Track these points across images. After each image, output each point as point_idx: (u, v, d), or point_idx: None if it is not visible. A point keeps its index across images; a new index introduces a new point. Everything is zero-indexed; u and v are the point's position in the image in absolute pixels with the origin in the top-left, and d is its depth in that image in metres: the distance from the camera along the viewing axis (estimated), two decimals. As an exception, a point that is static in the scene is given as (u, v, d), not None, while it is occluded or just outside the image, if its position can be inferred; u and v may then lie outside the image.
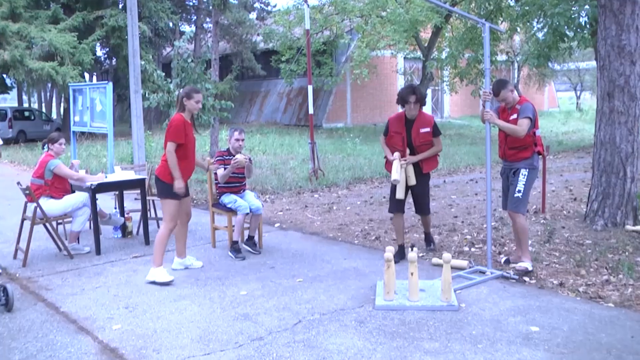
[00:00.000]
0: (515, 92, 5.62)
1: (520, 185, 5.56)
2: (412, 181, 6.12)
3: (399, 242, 6.39)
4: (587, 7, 13.05)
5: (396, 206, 6.25)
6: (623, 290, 5.02)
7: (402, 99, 6.08)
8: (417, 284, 4.89)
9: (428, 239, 6.65)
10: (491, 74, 5.85)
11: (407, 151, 6.12)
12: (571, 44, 15.17)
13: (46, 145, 6.86)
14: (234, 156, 6.70)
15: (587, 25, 13.67)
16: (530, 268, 5.51)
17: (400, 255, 6.21)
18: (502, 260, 5.90)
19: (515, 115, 5.54)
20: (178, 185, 5.57)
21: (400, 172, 6.01)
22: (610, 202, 7.09)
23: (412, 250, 5.20)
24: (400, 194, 6.11)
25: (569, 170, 12.75)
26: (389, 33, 20.81)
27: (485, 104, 5.63)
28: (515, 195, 5.58)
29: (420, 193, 6.31)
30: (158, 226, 8.14)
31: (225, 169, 6.60)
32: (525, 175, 5.56)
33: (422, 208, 6.41)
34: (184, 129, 5.60)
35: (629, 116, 6.95)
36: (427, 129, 6.11)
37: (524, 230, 5.63)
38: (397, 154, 6.08)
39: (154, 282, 5.59)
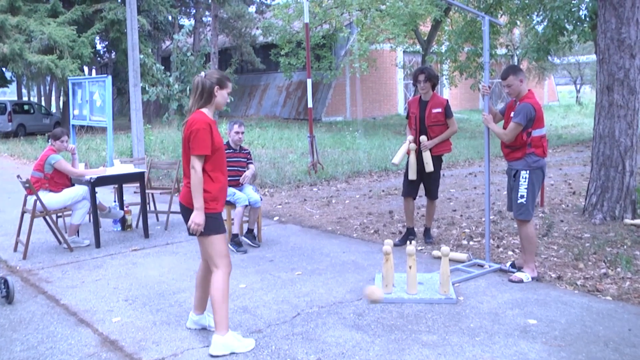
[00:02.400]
0: (525, 85, 5.26)
1: (522, 190, 5.18)
2: (431, 167, 6.29)
3: (409, 225, 6.65)
4: (586, 0, 13.04)
5: (407, 190, 6.55)
6: (621, 283, 5.04)
7: (414, 78, 6.44)
8: (416, 277, 4.91)
9: (427, 234, 6.70)
10: (491, 67, 5.75)
11: (422, 137, 6.31)
12: (571, 37, 15.16)
13: (51, 139, 6.88)
14: (233, 149, 6.75)
15: (587, 19, 13.67)
16: (526, 280, 5.19)
17: (405, 239, 6.49)
18: (508, 265, 5.56)
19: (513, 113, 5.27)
20: (198, 218, 3.87)
21: (404, 156, 6.32)
22: (609, 196, 7.10)
23: (410, 243, 5.21)
24: (412, 175, 6.37)
25: (568, 164, 12.76)
26: (388, 26, 20.78)
27: (485, 98, 5.61)
28: (519, 201, 5.21)
29: (429, 176, 6.44)
30: (157, 219, 8.17)
31: None
32: (526, 178, 5.18)
33: (429, 192, 6.57)
34: (210, 133, 3.90)
35: (628, 110, 6.95)
36: (439, 109, 6.31)
37: (528, 238, 5.24)
38: (410, 137, 6.37)
39: (233, 353, 3.93)
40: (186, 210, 3.98)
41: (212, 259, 3.99)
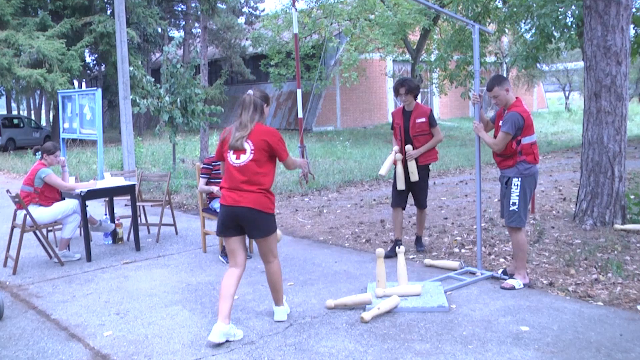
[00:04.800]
0: (511, 93, 5.28)
1: (514, 197, 5.19)
2: (415, 177, 6.26)
3: (396, 236, 6.57)
4: (573, 7, 13.15)
5: (396, 201, 6.50)
6: (612, 289, 5.06)
7: (395, 91, 6.41)
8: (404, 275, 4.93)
9: (419, 242, 6.69)
10: (480, 76, 5.76)
11: (407, 146, 6.28)
12: (559, 44, 15.29)
13: (39, 152, 6.84)
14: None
15: (574, 26, 13.78)
16: (518, 287, 5.19)
17: (394, 250, 6.38)
18: (500, 272, 5.56)
19: (502, 122, 5.27)
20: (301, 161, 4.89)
21: (391, 167, 6.29)
22: (598, 202, 7.14)
23: (399, 247, 5.21)
24: (400, 185, 6.35)
25: (559, 171, 12.82)
26: (378, 36, 20.92)
27: (475, 106, 5.60)
28: (511, 208, 5.22)
29: (417, 186, 6.41)
30: (148, 232, 8.14)
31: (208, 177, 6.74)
32: (517, 185, 5.19)
33: (418, 201, 6.52)
34: None
35: (616, 116, 7.00)
36: (423, 119, 6.29)
37: (520, 245, 5.26)
38: (395, 148, 6.36)
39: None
40: (257, 214, 4.31)
41: (272, 251, 4.52)
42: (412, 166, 6.25)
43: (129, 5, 23.51)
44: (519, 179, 5.21)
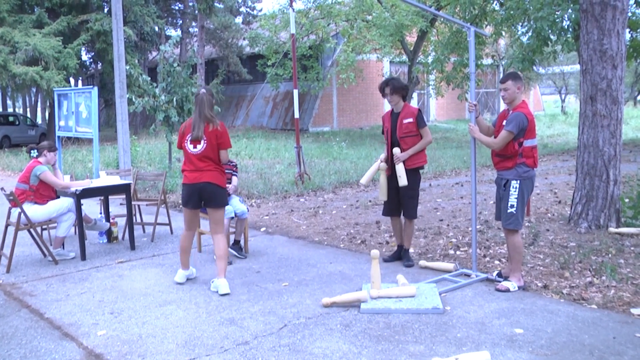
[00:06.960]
0: (521, 94, 5.25)
1: (512, 200, 5.19)
2: (404, 181, 5.91)
3: (398, 242, 6.39)
4: (569, 10, 13.18)
5: (387, 210, 6.34)
6: (606, 292, 5.07)
7: (381, 91, 6.19)
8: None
9: (405, 255, 6.28)
10: (477, 78, 5.75)
11: (395, 149, 6.03)
12: (555, 47, 15.32)
13: (33, 150, 6.81)
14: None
15: (570, 29, 13.82)
16: (513, 289, 5.20)
17: (395, 256, 6.36)
18: (494, 274, 5.56)
19: (505, 122, 5.28)
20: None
21: (372, 176, 6.17)
22: (593, 205, 7.16)
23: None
24: (382, 195, 6.20)
25: (554, 173, 12.84)
26: (375, 37, 20.92)
27: (472, 114, 5.57)
28: (509, 211, 5.22)
29: (405, 193, 6.09)
30: (144, 231, 8.13)
31: None
32: (516, 187, 5.19)
33: (405, 210, 6.17)
34: None
35: (612, 119, 7.02)
36: (410, 120, 5.99)
37: (516, 248, 5.26)
38: (382, 156, 6.16)
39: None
40: (215, 187, 5.40)
41: (220, 224, 5.53)
42: (400, 169, 5.92)
43: (126, 4, 23.48)
44: (518, 182, 5.21)
